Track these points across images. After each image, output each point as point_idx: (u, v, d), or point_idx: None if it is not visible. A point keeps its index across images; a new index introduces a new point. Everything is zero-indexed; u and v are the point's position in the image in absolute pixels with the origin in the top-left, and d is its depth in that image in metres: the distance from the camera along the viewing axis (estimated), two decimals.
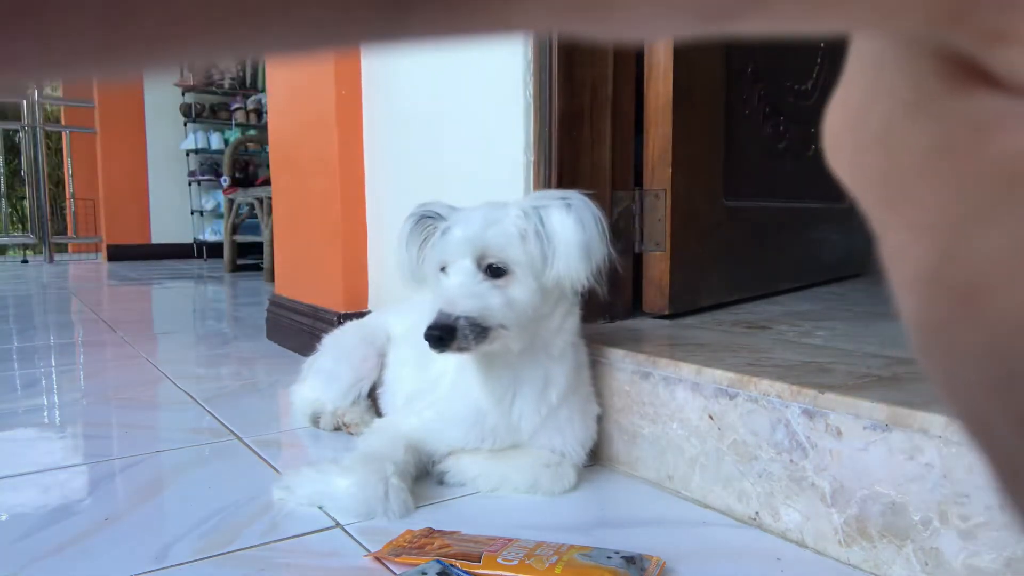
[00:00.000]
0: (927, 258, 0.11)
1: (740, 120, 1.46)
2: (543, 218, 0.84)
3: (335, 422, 1.18)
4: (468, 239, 0.84)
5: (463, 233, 0.85)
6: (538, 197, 0.87)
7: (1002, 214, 0.10)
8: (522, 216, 0.84)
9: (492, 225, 0.84)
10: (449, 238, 0.86)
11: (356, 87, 1.67)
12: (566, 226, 0.83)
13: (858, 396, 0.72)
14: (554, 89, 1.17)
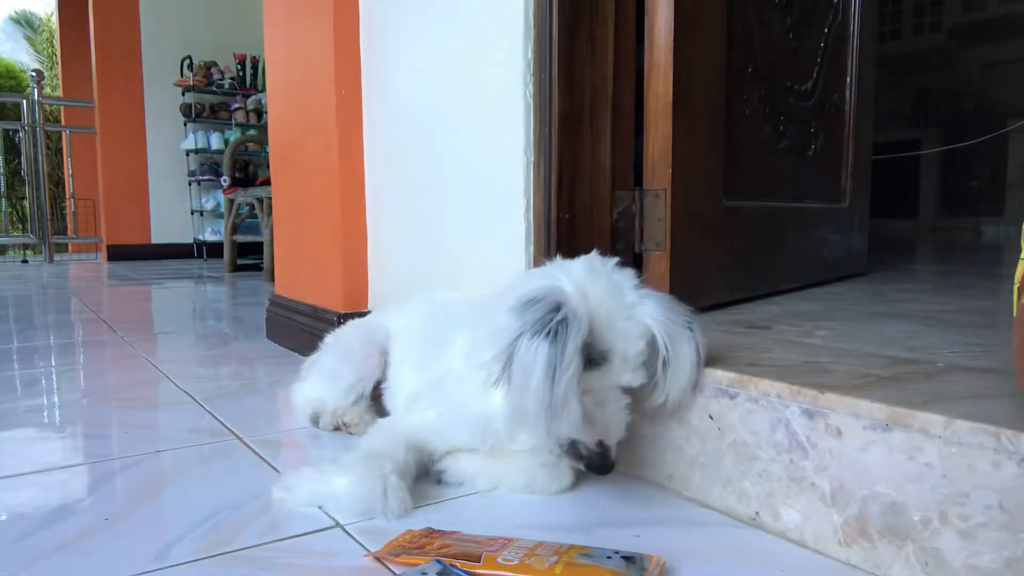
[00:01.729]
0: None
1: (740, 120, 1.46)
2: (673, 345, 0.82)
3: (335, 422, 1.18)
4: (636, 366, 0.81)
5: (634, 361, 0.81)
6: (669, 316, 0.82)
7: None
8: (667, 338, 0.81)
9: (646, 346, 0.82)
10: (619, 366, 0.80)
11: (356, 87, 1.67)
12: (691, 355, 0.83)
13: (858, 396, 0.72)
14: (554, 89, 1.17)
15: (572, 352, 0.73)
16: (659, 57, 1.25)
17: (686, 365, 0.83)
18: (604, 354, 0.80)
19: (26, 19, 13.35)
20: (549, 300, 0.77)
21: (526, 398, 0.74)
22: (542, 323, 0.75)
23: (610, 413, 0.82)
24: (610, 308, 0.81)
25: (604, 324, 0.79)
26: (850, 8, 1.84)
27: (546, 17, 1.17)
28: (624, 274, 0.86)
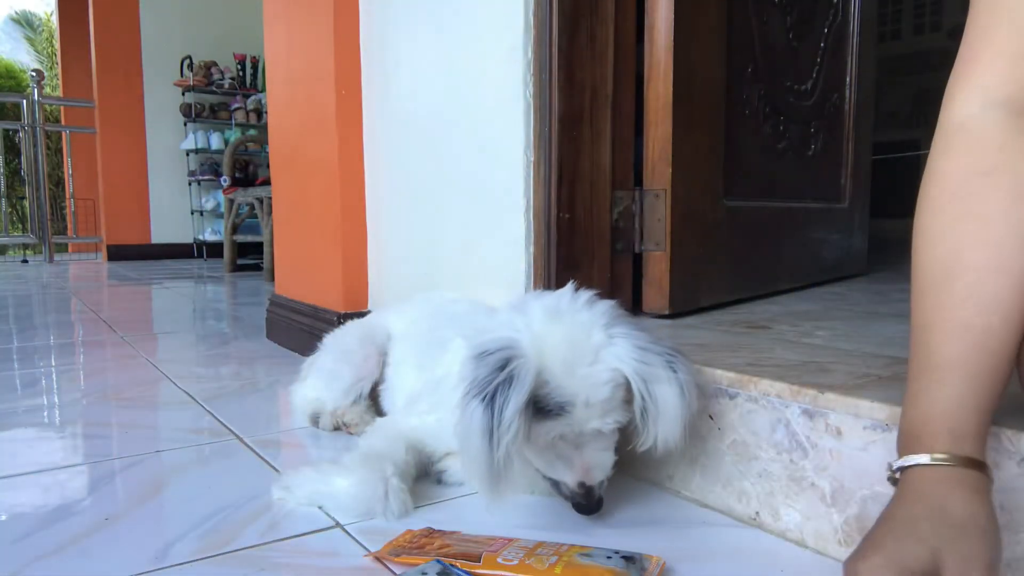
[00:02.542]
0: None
1: (740, 120, 1.46)
2: (650, 389, 0.76)
3: (335, 422, 1.18)
4: (604, 412, 0.76)
5: (600, 407, 0.76)
6: (643, 357, 0.76)
7: None
8: (640, 382, 0.76)
9: (615, 390, 0.76)
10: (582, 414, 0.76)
11: (356, 87, 1.67)
12: (674, 399, 0.76)
13: (858, 396, 0.72)
14: (554, 89, 1.17)
15: (511, 415, 0.70)
16: (659, 57, 1.25)
17: (669, 409, 0.76)
18: (563, 404, 0.75)
19: (26, 19, 13.35)
20: (498, 355, 0.74)
21: (468, 460, 0.74)
22: (482, 385, 0.73)
23: (590, 455, 0.79)
24: (569, 355, 0.75)
25: (562, 372, 0.75)
26: (850, 8, 1.84)
27: (546, 17, 1.17)
28: (596, 311, 0.80)
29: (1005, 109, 0.60)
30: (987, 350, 0.58)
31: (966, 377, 0.58)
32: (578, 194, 1.22)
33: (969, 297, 0.59)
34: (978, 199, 0.60)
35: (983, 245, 0.59)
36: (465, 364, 0.78)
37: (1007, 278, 0.58)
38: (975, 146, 0.61)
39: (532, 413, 0.75)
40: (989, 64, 0.60)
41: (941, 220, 0.61)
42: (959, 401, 0.58)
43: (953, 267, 0.60)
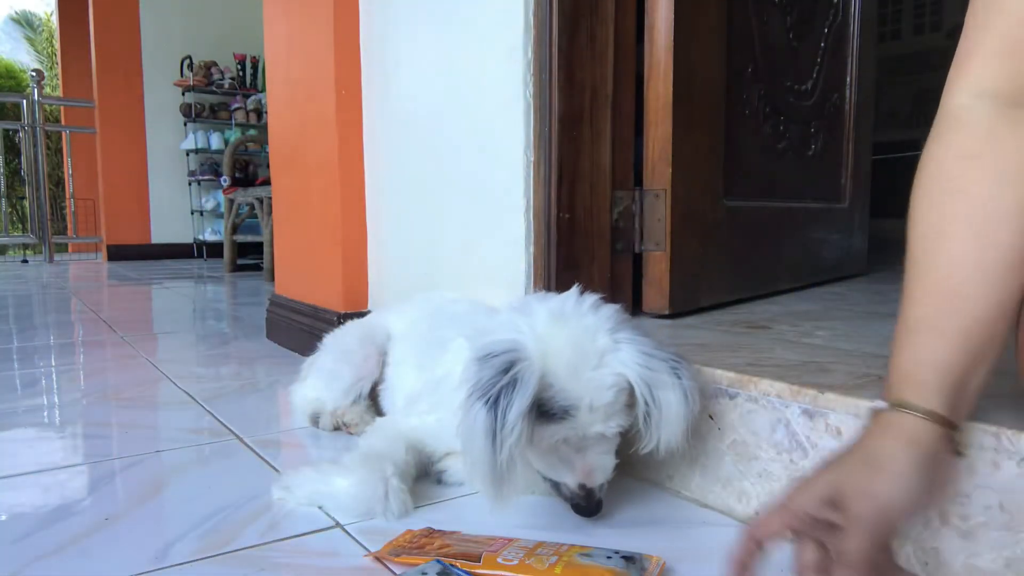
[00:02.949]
0: None
1: (740, 120, 1.46)
2: (654, 394, 0.76)
3: (335, 422, 1.18)
4: (608, 416, 0.76)
5: (604, 411, 0.76)
6: (648, 362, 0.76)
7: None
8: (644, 387, 0.76)
9: (619, 395, 0.76)
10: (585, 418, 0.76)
11: (356, 87, 1.67)
12: (678, 404, 0.76)
13: (858, 396, 0.72)
14: (554, 89, 1.17)
15: (515, 418, 0.71)
16: (659, 57, 1.25)
17: (672, 415, 0.76)
18: (567, 408, 0.75)
19: (26, 19, 13.35)
20: (503, 358, 0.74)
21: (471, 462, 0.74)
22: (486, 387, 0.73)
23: (592, 457, 0.79)
24: (574, 358, 0.75)
25: (567, 376, 0.75)
26: (850, 8, 1.84)
27: (546, 17, 1.17)
28: (601, 315, 0.79)
29: (995, 100, 0.62)
30: (960, 312, 0.60)
31: (936, 335, 0.61)
32: (578, 194, 1.22)
33: (948, 263, 0.62)
34: (964, 179, 0.63)
35: (965, 218, 0.62)
36: (469, 366, 0.77)
37: (989, 251, 0.60)
38: (964, 133, 0.64)
39: (535, 416, 0.75)
40: (982, 57, 0.63)
41: (929, 198, 0.65)
42: (920, 357, 0.61)
43: (937, 238, 0.63)
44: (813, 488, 0.58)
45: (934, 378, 0.59)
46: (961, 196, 0.63)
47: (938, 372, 0.60)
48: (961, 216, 0.62)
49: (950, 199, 0.63)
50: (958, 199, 0.63)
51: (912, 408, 0.59)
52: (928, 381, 0.59)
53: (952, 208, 0.63)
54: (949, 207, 0.63)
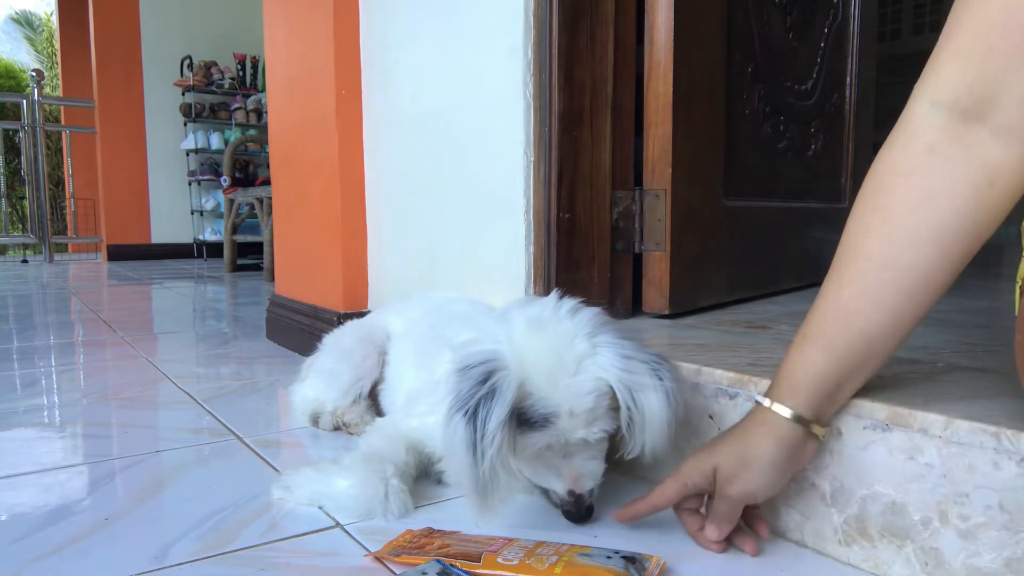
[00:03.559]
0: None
1: (740, 120, 1.46)
2: (635, 397, 0.75)
3: (335, 422, 1.18)
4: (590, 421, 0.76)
5: (585, 417, 0.75)
6: (627, 365, 0.76)
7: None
8: (625, 391, 0.75)
9: (600, 399, 0.76)
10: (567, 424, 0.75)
11: (356, 87, 1.67)
12: (660, 406, 0.75)
13: (858, 396, 0.72)
14: (554, 89, 1.17)
15: (494, 429, 0.71)
16: (659, 57, 1.25)
17: (655, 418, 0.75)
18: (547, 415, 0.75)
19: (26, 19, 13.35)
20: (480, 369, 0.74)
21: (455, 473, 0.76)
22: (465, 399, 0.73)
23: (578, 463, 0.79)
24: (552, 365, 0.75)
25: (545, 383, 0.74)
26: (850, 8, 1.84)
27: (546, 17, 1.17)
28: (579, 320, 0.79)
29: (949, 111, 0.61)
30: (849, 329, 0.66)
31: (822, 347, 0.67)
32: (578, 194, 1.22)
33: (852, 281, 0.65)
34: (889, 194, 0.64)
35: (879, 237, 0.64)
36: (448, 378, 0.77)
37: (889, 273, 0.63)
38: (907, 144, 0.63)
39: (517, 425, 0.75)
40: (943, 65, 0.62)
41: (859, 207, 0.66)
42: (808, 366, 0.67)
43: (852, 252, 0.66)
44: (700, 467, 0.71)
45: (811, 386, 0.67)
46: (882, 212, 0.64)
47: (815, 380, 0.67)
48: (875, 233, 0.64)
49: (872, 213, 0.65)
50: (878, 215, 0.64)
51: (784, 410, 0.67)
52: (804, 388, 0.67)
53: (870, 222, 0.65)
54: (870, 219, 0.65)
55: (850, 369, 0.67)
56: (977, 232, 0.61)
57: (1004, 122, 0.58)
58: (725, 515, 0.72)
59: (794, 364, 0.69)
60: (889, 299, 0.64)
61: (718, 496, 0.71)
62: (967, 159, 0.60)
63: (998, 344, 1.01)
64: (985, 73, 0.58)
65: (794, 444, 0.68)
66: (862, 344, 0.65)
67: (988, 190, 0.60)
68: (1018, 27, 0.56)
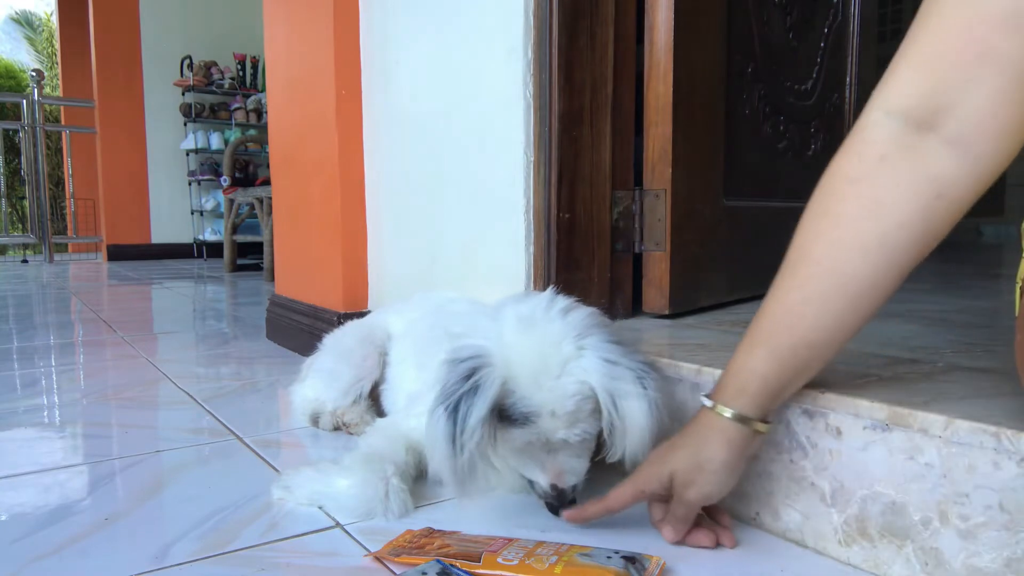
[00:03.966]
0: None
1: (740, 120, 1.46)
2: (617, 404, 0.75)
3: (335, 422, 1.18)
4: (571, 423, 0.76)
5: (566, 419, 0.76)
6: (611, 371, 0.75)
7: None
8: (607, 397, 0.75)
9: (582, 403, 0.76)
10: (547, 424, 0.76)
11: (356, 87, 1.67)
12: (641, 415, 0.75)
13: (858, 396, 0.72)
14: (554, 89, 1.17)
15: (474, 424, 0.72)
16: (659, 57, 1.25)
17: (635, 426, 0.75)
18: (528, 414, 0.75)
19: (26, 19, 13.35)
20: (466, 364, 0.76)
21: (435, 465, 0.78)
22: (448, 393, 0.75)
23: (562, 460, 0.79)
24: (537, 366, 0.75)
25: (528, 383, 0.75)
26: (850, 8, 1.84)
27: (546, 17, 1.17)
28: (570, 320, 0.78)
29: (903, 120, 0.61)
30: (793, 332, 0.67)
31: (767, 350, 0.68)
32: (578, 194, 1.22)
33: (799, 286, 0.66)
34: (839, 201, 0.64)
35: (827, 244, 0.64)
36: (438, 370, 0.79)
37: (835, 279, 0.64)
38: (860, 151, 0.64)
39: (499, 420, 0.76)
40: (900, 73, 0.62)
41: (810, 212, 0.67)
42: (753, 367, 0.69)
43: (800, 257, 0.67)
44: (657, 475, 0.73)
45: (755, 388, 0.69)
46: (830, 219, 0.64)
47: (760, 382, 0.69)
48: (823, 239, 0.65)
49: (822, 219, 0.65)
50: (827, 221, 0.65)
51: (732, 413, 0.70)
52: (750, 390, 0.69)
53: (820, 228, 0.65)
54: (819, 225, 0.65)
55: (793, 372, 0.69)
56: (924, 242, 0.62)
57: (956, 133, 0.58)
58: (683, 517, 0.74)
59: (740, 365, 0.70)
60: (834, 305, 0.65)
61: (676, 500, 0.73)
62: (917, 170, 0.60)
63: (998, 344, 1.01)
64: (940, 83, 0.58)
65: (744, 444, 0.71)
66: (805, 349, 0.67)
67: (936, 201, 0.60)
68: (976, 39, 0.56)
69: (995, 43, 0.55)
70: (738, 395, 0.70)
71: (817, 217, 0.66)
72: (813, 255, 0.65)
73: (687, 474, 0.71)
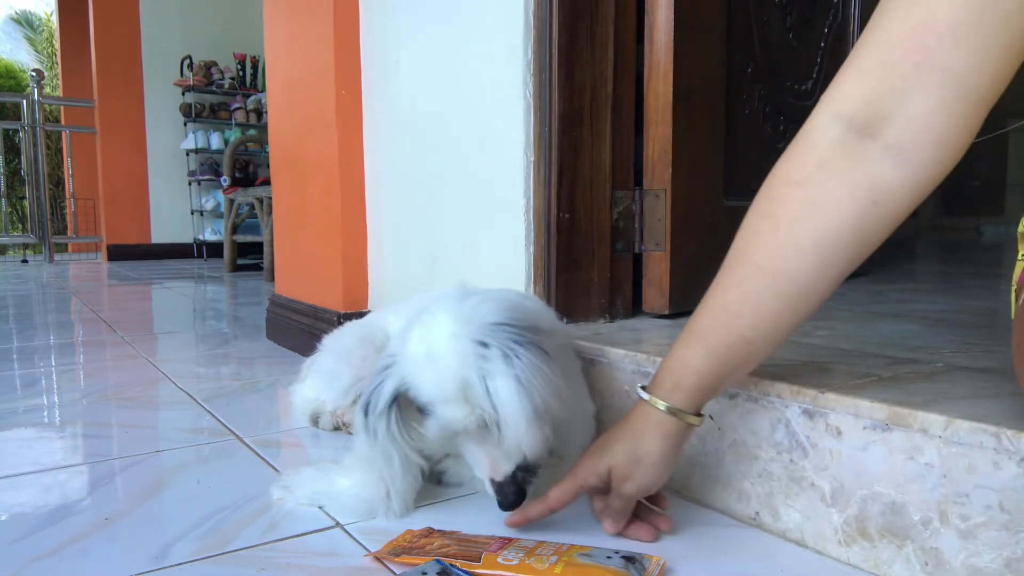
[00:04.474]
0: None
1: (740, 120, 1.46)
2: (488, 385, 0.74)
3: (335, 422, 1.18)
4: (465, 410, 0.76)
5: (457, 406, 0.76)
6: (481, 352, 0.75)
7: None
8: (480, 381, 0.74)
9: (464, 389, 0.76)
10: (443, 412, 0.77)
11: (356, 87, 1.67)
12: (508, 392, 0.73)
13: (858, 396, 0.72)
14: (554, 89, 1.17)
15: (374, 420, 0.79)
16: (659, 57, 1.25)
17: (506, 412, 0.73)
18: (426, 404, 0.78)
19: (26, 19, 13.35)
20: (381, 365, 0.82)
21: (362, 452, 0.84)
22: (366, 395, 0.81)
23: (490, 450, 0.79)
24: (423, 356, 0.77)
25: (418, 373, 0.78)
26: (850, 8, 1.83)
27: (546, 17, 1.17)
28: (461, 308, 0.78)
29: (846, 125, 0.61)
30: (730, 331, 0.68)
31: (703, 346, 0.69)
32: (578, 194, 1.22)
33: (737, 286, 0.67)
34: (780, 203, 0.65)
35: (765, 245, 0.65)
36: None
37: (772, 280, 0.65)
38: (803, 155, 0.65)
39: (415, 412, 0.81)
40: (847, 79, 0.62)
41: (752, 212, 0.68)
42: (690, 363, 0.70)
43: (740, 256, 0.68)
44: (595, 470, 0.74)
45: (691, 383, 0.70)
46: (771, 220, 0.65)
47: (696, 378, 0.70)
48: (763, 241, 0.65)
49: (762, 220, 0.66)
50: (767, 222, 0.65)
51: (667, 407, 0.71)
52: (686, 385, 0.70)
53: (760, 228, 0.66)
54: (760, 226, 0.66)
55: (729, 369, 0.70)
56: (859, 248, 0.63)
57: (895, 140, 0.59)
58: (621, 510, 0.76)
59: (677, 360, 0.71)
60: (771, 306, 0.66)
61: (614, 494, 0.75)
62: (855, 176, 0.61)
63: (998, 344, 1.01)
64: (883, 90, 0.58)
65: (679, 437, 0.73)
66: (742, 346, 0.68)
67: (872, 208, 0.60)
68: (920, 48, 0.56)
69: (939, 54, 0.55)
70: (674, 390, 0.71)
71: (759, 218, 0.67)
72: (752, 255, 0.66)
73: (625, 468, 0.73)
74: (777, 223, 0.64)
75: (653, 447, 0.72)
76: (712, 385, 0.71)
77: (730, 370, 0.70)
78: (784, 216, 0.64)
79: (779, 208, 0.65)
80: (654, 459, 0.72)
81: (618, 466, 0.73)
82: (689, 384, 0.70)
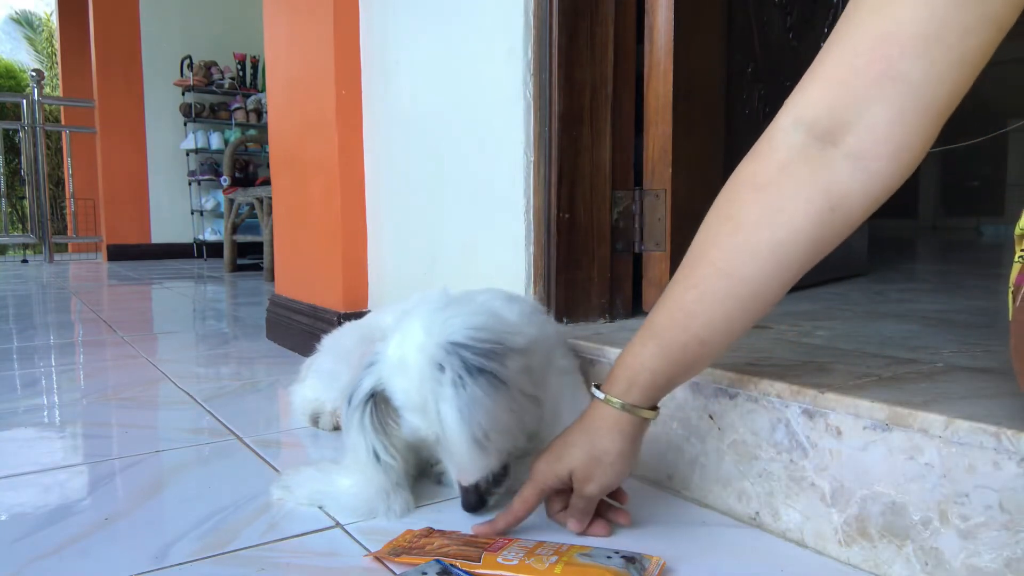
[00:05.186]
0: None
1: (740, 120, 1.46)
2: (439, 407, 0.75)
3: (334, 422, 1.18)
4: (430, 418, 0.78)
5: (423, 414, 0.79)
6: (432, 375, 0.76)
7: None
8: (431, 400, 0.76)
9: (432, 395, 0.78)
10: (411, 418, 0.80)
11: (356, 87, 1.67)
12: (452, 422, 0.74)
13: (858, 396, 0.72)
14: (554, 89, 1.17)
15: (357, 418, 0.82)
16: (659, 57, 1.25)
17: (448, 436, 0.76)
18: (399, 408, 0.81)
19: (26, 19, 13.35)
20: (364, 364, 0.86)
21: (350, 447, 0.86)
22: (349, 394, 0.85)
23: (458, 456, 0.79)
24: (396, 360, 0.80)
25: (391, 378, 0.81)
26: None
27: (546, 17, 1.17)
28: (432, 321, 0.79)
29: (808, 130, 0.62)
30: (685, 330, 0.68)
31: (658, 344, 0.70)
32: (578, 194, 1.22)
33: (695, 286, 0.68)
34: (740, 206, 0.65)
35: (724, 248, 0.66)
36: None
37: (729, 281, 0.66)
38: (764, 158, 0.65)
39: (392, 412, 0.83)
40: (811, 84, 0.63)
41: (713, 214, 0.68)
42: (644, 361, 0.71)
43: (699, 257, 0.68)
44: (556, 473, 0.75)
45: (645, 380, 0.71)
46: (731, 223, 0.66)
47: (650, 376, 0.71)
48: (722, 243, 0.66)
49: (723, 223, 0.67)
50: (728, 225, 0.66)
51: (622, 404, 0.72)
52: (640, 382, 0.71)
53: (720, 230, 0.67)
54: (720, 228, 0.67)
55: (684, 367, 0.71)
56: (814, 252, 0.64)
57: (855, 149, 0.59)
58: (584, 509, 0.77)
59: (633, 358, 0.72)
60: (726, 307, 0.66)
61: (576, 495, 0.76)
62: (814, 181, 0.61)
63: (998, 344, 1.01)
64: (845, 97, 0.59)
65: (636, 432, 0.73)
66: (696, 347, 0.69)
67: (829, 214, 0.61)
68: (883, 56, 0.56)
69: (900, 64, 0.56)
70: (629, 388, 0.72)
71: (719, 220, 0.67)
72: (712, 256, 0.67)
73: (585, 469, 0.73)
74: (738, 227, 0.65)
75: (611, 446, 0.73)
76: (665, 383, 0.72)
77: (683, 369, 0.71)
78: (744, 219, 0.65)
79: (739, 211, 0.65)
80: (612, 457, 0.73)
81: (579, 468, 0.74)
82: (643, 382, 0.71)
